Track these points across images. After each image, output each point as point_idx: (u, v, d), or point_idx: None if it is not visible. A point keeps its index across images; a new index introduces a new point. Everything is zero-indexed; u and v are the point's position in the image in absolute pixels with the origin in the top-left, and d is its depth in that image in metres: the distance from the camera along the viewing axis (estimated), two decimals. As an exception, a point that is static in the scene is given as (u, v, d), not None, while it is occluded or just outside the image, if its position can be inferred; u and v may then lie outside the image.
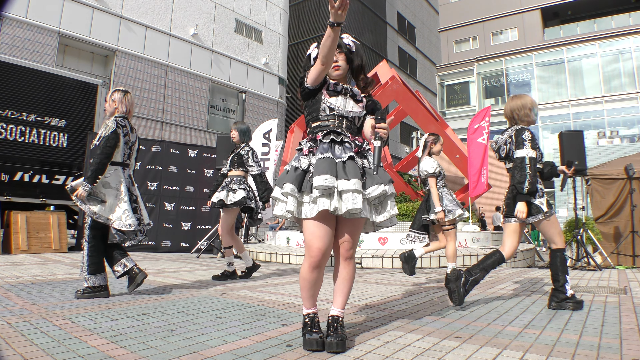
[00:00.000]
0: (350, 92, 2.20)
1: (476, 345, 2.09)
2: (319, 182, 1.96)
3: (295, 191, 2.03)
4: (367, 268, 6.29)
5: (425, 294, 3.70)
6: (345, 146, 2.11)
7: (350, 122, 2.18)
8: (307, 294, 2.10)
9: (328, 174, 1.97)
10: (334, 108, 2.14)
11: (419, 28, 37.36)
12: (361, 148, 2.16)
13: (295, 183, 2.04)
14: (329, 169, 1.99)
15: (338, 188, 1.99)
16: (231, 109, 20.80)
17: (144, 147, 8.81)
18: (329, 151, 2.07)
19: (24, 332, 2.23)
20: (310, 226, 2.03)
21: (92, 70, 15.95)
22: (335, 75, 2.21)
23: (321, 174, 1.97)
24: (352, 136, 2.17)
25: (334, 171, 2.00)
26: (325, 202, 1.97)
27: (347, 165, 2.04)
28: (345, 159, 2.06)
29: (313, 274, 2.05)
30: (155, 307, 2.93)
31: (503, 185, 21.16)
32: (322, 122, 2.16)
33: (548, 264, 3.37)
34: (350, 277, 2.16)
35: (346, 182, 1.98)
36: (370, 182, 2.07)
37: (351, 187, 1.97)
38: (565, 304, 3.03)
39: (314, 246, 2.02)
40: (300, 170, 2.08)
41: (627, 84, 25.49)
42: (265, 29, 22.01)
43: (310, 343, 1.99)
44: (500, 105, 29.13)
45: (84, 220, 3.91)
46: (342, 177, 2.00)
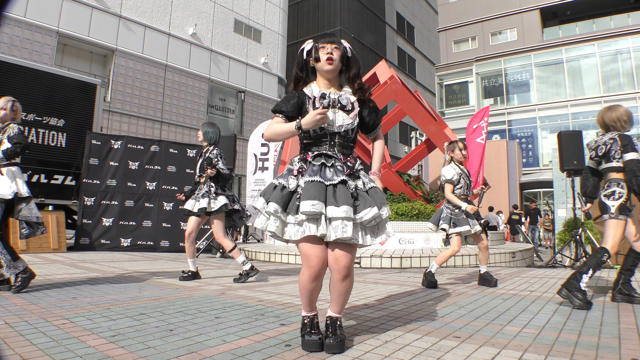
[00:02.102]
0: (339, 104, 2.12)
1: (475, 344, 2.09)
2: (306, 208, 1.90)
3: (279, 212, 1.97)
4: (365, 268, 6.29)
5: (424, 294, 3.70)
6: (337, 169, 2.03)
7: (343, 138, 2.11)
8: (307, 300, 2.07)
9: (316, 199, 1.90)
10: (323, 127, 2.07)
11: (418, 28, 37.37)
12: (353, 170, 2.09)
13: (280, 203, 1.98)
14: (317, 193, 1.92)
15: (327, 215, 1.92)
16: (230, 109, 20.80)
17: (143, 147, 8.81)
18: (318, 174, 2.00)
19: (23, 332, 2.22)
20: (307, 242, 1.98)
21: (91, 70, 15.92)
22: (327, 70, 2.12)
23: (309, 198, 1.91)
24: (345, 157, 2.10)
25: (322, 196, 1.93)
26: (311, 228, 1.92)
27: (338, 190, 1.96)
28: (336, 182, 1.98)
29: (314, 283, 2.01)
30: (154, 307, 2.93)
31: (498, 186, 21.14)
32: (313, 141, 2.10)
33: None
34: (348, 291, 2.07)
35: (336, 209, 1.90)
36: (363, 205, 1.98)
37: (341, 214, 1.90)
38: (574, 294, 3.05)
39: (312, 255, 1.97)
40: (287, 190, 2.02)
41: (626, 84, 25.51)
42: (264, 28, 22.00)
43: (309, 344, 1.98)
44: (499, 105, 29.16)
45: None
46: (331, 202, 1.92)
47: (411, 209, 8.89)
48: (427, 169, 21.34)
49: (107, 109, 15.25)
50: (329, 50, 2.11)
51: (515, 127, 28.47)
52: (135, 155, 8.67)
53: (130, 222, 8.43)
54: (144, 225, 8.53)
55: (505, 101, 29.29)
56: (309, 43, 2.18)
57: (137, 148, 8.73)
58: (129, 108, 16.49)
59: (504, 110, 28.83)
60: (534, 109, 27.95)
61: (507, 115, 28.68)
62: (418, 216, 8.80)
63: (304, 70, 2.21)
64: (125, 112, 16.33)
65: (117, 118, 16.01)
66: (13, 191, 3.52)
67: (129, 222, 8.43)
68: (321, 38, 2.14)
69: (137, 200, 8.55)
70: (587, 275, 3.09)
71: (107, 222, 8.30)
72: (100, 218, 8.26)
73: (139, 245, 8.43)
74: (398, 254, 6.53)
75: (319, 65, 2.12)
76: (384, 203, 2.04)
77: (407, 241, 7.49)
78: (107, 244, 8.22)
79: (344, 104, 2.13)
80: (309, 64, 2.19)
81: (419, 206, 8.62)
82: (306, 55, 2.17)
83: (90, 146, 8.34)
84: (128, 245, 8.34)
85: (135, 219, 8.48)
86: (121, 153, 8.56)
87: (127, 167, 8.56)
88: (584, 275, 3.09)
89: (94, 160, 8.36)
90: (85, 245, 8.07)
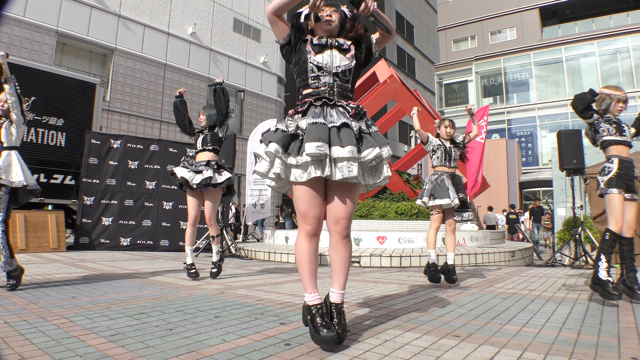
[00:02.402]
0: (337, 44, 2.14)
1: (474, 343, 2.09)
2: (311, 150, 1.88)
3: (279, 152, 1.96)
4: (365, 267, 6.29)
5: (423, 293, 3.70)
6: (339, 110, 2.04)
7: (342, 81, 2.11)
8: (308, 271, 2.02)
9: (320, 141, 1.90)
10: (321, 66, 2.08)
11: (418, 27, 37.34)
12: (357, 110, 2.08)
13: (280, 143, 1.97)
14: (321, 134, 1.92)
15: (332, 155, 1.93)
16: (230, 108, 20.77)
17: (142, 146, 8.81)
18: (320, 115, 2.00)
19: (23, 331, 2.22)
20: (303, 193, 1.98)
21: (90, 69, 15.91)
22: (326, 30, 2.15)
23: (313, 140, 1.90)
24: (346, 101, 2.10)
25: (326, 137, 1.93)
26: (316, 170, 1.92)
27: (342, 131, 1.97)
28: (339, 124, 1.98)
29: (311, 242, 2.00)
30: (153, 306, 2.93)
31: (497, 185, 21.11)
32: (312, 89, 2.10)
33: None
34: (350, 256, 2.10)
35: (341, 149, 1.91)
36: (366, 145, 2.00)
37: (346, 154, 1.90)
38: (594, 287, 3.07)
39: (309, 214, 1.98)
40: (287, 133, 2.01)
41: (625, 83, 25.52)
42: (264, 27, 21.98)
43: (327, 341, 1.89)
44: (499, 104, 29.16)
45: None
46: (336, 143, 1.93)
47: (411, 208, 8.89)
48: (426, 168, 21.34)
49: (106, 109, 15.24)
50: (328, 12, 2.15)
51: (515, 126, 28.49)
52: (135, 155, 8.66)
53: (129, 222, 8.43)
54: (144, 224, 8.53)
55: (504, 100, 29.31)
56: (307, 8, 2.19)
57: (136, 147, 8.73)
58: (129, 107, 16.48)
59: (504, 109, 28.85)
60: (533, 108, 27.97)
61: (506, 114, 28.70)
62: (418, 215, 8.80)
63: (297, 31, 2.19)
64: (125, 112, 16.32)
65: (116, 117, 16.00)
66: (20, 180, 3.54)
67: (128, 222, 8.43)
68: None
69: (137, 200, 8.55)
70: (601, 262, 3.08)
71: (106, 221, 8.30)
72: (100, 217, 8.26)
73: (139, 244, 8.43)
74: (398, 253, 6.53)
75: (319, 24, 2.16)
76: (384, 144, 2.06)
77: (407, 240, 7.49)
78: (107, 243, 8.22)
79: (340, 43, 2.15)
80: (306, 27, 2.20)
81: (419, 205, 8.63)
82: (304, 19, 2.19)
83: (89, 145, 8.34)
84: (127, 244, 8.34)
85: (135, 218, 8.48)
86: (121, 152, 8.56)
87: (127, 167, 8.56)
88: (599, 262, 3.09)
89: (93, 159, 8.35)
90: (85, 245, 8.07)
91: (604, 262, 3.10)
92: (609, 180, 3.20)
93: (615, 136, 3.27)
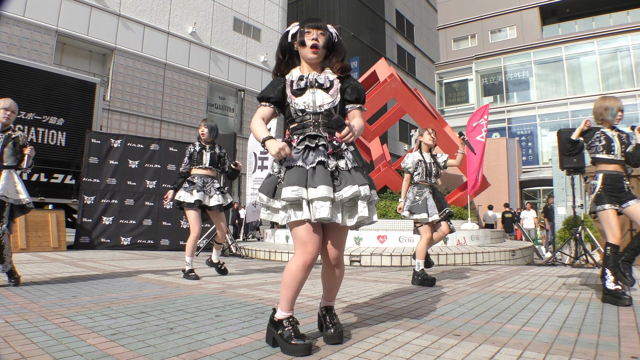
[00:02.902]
0: (317, 84, 2.10)
1: (475, 343, 2.09)
2: (285, 195, 1.93)
3: (264, 200, 2.05)
4: (366, 266, 6.29)
5: (423, 292, 3.70)
6: (319, 150, 2.02)
7: (327, 116, 2.09)
8: (292, 295, 2.00)
9: (295, 185, 1.93)
10: (304, 109, 2.08)
11: (418, 26, 37.32)
12: (338, 149, 2.06)
13: (265, 191, 2.06)
14: (297, 179, 1.94)
15: (308, 197, 1.94)
16: (230, 107, 20.78)
17: (142, 145, 8.80)
18: (300, 159, 2.01)
19: (23, 330, 2.22)
20: (303, 227, 1.98)
21: (90, 69, 15.90)
22: (311, 59, 2.10)
23: (289, 184, 1.94)
24: (330, 135, 2.07)
25: (303, 181, 1.95)
26: (297, 214, 1.95)
27: (317, 171, 1.97)
28: (315, 164, 1.99)
29: (306, 272, 1.98)
30: (154, 306, 2.93)
31: (497, 184, 21.05)
32: (297, 125, 2.10)
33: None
34: (341, 277, 2.18)
35: (313, 190, 1.93)
36: (344, 183, 1.98)
37: (318, 194, 1.91)
38: (604, 296, 3.17)
39: (310, 242, 1.96)
40: (273, 176, 2.08)
41: (625, 82, 25.50)
42: (264, 27, 21.97)
43: (299, 349, 1.88)
44: (499, 103, 29.14)
45: None
46: (310, 185, 1.95)
47: (411, 207, 8.87)
48: (426, 167, 21.34)
49: (106, 108, 15.24)
50: (314, 36, 2.07)
51: (515, 125, 28.46)
52: (135, 154, 8.66)
53: (130, 221, 8.44)
54: (144, 223, 8.53)
55: (504, 99, 29.28)
56: (295, 26, 2.15)
57: (136, 147, 8.73)
58: (129, 107, 16.48)
59: (504, 108, 28.82)
60: (533, 106, 27.94)
61: (506, 113, 28.67)
62: (418, 214, 8.77)
63: (286, 53, 2.19)
64: (125, 111, 16.31)
65: (116, 117, 16.00)
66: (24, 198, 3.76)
67: (129, 221, 8.43)
68: (307, 22, 2.11)
69: (137, 199, 8.55)
70: (607, 275, 3.18)
71: (107, 220, 8.30)
72: (100, 217, 8.26)
73: (139, 243, 8.43)
74: (398, 252, 6.54)
75: (303, 51, 2.10)
76: (363, 182, 1.99)
77: (407, 239, 7.50)
78: (107, 242, 8.22)
79: (321, 83, 2.11)
80: (293, 47, 2.16)
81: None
82: (291, 38, 2.15)
83: (89, 145, 8.34)
84: (128, 243, 8.34)
85: (135, 217, 8.48)
86: (121, 152, 8.56)
87: (127, 166, 8.56)
88: (605, 277, 3.20)
89: (93, 159, 8.35)
90: (85, 244, 8.07)
91: (609, 275, 3.19)
92: (596, 197, 3.29)
93: (602, 154, 3.37)
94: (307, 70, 2.15)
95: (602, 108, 3.44)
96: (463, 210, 10.17)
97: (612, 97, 3.50)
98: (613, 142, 3.38)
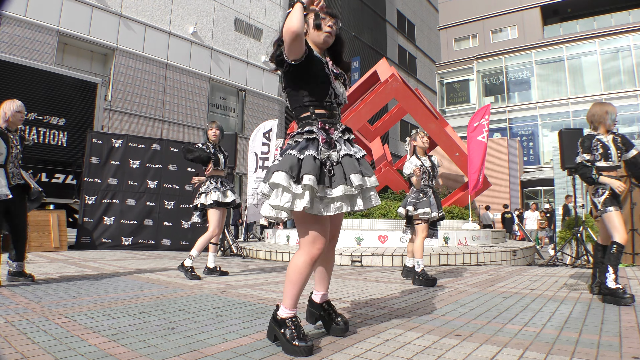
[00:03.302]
0: (342, 77, 2.17)
1: (476, 343, 2.09)
2: (339, 192, 1.94)
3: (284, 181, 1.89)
4: (367, 266, 6.29)
5: (424, 292, 3.70)
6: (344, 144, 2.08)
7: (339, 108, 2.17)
8: (297, 291, 1.99)
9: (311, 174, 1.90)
10: (338, 95, 2.10)
11: (419, 26, 37.30)
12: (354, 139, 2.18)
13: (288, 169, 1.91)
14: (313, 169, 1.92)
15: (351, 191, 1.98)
16: (231, 107, 20.79)
17: (144, 145, 8.81)
18: (341, 150, 2.04)
19: (24, 330, 2.23)
20: (318, 222, 1.98)
21: (91, 69, 15.91)
22: (324, 41, 2.10)
23: (341, 180, 1.96)
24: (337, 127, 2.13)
25: (354, 170, 2.00)
26: (344, 206, 1.99)
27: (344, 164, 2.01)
28: (359, 155, 2.08)
29: (312, 268, 2.00)
30: (155, 306, 2.93)
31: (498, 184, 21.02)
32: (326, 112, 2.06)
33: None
34: (334, 260, 2.29)
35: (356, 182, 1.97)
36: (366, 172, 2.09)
37: (356, 183, 1.96)
38: (605, 297, 3.21)
39: (320, 239, 1.98)
40: (308, 156, 1.95)
41: (627, 82, 25.46)
42: (265, 27, 21.97)
43: (303, 351, 1.88)
44: (500, 103, 29.11)
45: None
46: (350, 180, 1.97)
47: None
48: (427, 167, 21.33)
49: (107, 108, 15.25)
50: (330, 23, 2.10)
51: (516, 125, 28.43)
52: (136, 154, 8.67)
53: (131, 221, 8.44)
54: (145, 224, 8.54)
55: (506, 99, 29.26)
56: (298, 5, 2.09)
57: (138, 147, 8.74)
58: (130, 107, 16.49)
59: (505, 108, 28.80)
60: (534, 106, 27.91)
61: (508, 113, 28.65)
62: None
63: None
64: (126, 111, 16.32)
65: (117, 117, 16.01)
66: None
67: (130, 221, 8.44)
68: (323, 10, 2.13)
69: (139, 199, 8.56)
70: (609, 273, 3.22)
71: (108, 220, 8.31)
72: (102, 217, 8.27)
73: (140, 244, 8.44)
74: (399, 252, 6.53)
75: (317, 33, 2.09)
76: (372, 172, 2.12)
77: (408, 240, 7.48)
78: (108, 242, 8.23)
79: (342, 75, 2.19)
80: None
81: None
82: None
83: (91, 145, 8.35)
84: (129, 244, 8.35)
85: (137, 217, 8.49)
86: (122, 152, 8.56)
87: (128, 166, 8.57)
88: (606, 274, 3.24)
89: (95, 159, 8.36)
90: (87, 244, 8.08)
91: (611, 273, 3.23)
92: (604, 201, 3.41)
93: (601, 162, 3.48)
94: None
95: (603, 112, 3.54)
96: (464, 210, 10.16)
97: (610, 104, 3.63)
98: (609, 148, 3.48)
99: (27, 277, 3.91)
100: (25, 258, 3.92)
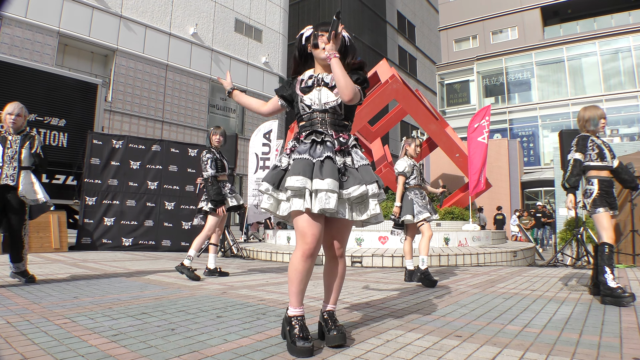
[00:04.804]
0: (323, 82, 2.17)
1: (476, 344, 2.09)
2: (290, 183, 1.99)
3: (270, 190, 2.08)
4: (367, 267, 6.29)
5: (425, 293, 3.70)
6: (327, 145, 2.09)
7: (332, 115, 2.14)
8: (297, 288, 2.03)
9: (300, 175, 1.99)
10: (310, 105, 2.15)
11: (419, 27, 37.33)
12: (344, 146, 2.12)
13: (271, 182, 2.09)
14: (302, 169, 2.00)
15: (312, 188, 1.99)
16: (231, 108, 20.81)
17: (144, 146, 8.81)
18: (307, 152, 2.07)
19: (25, 331, 2.23)
20: (303, 217, 2.02)
21: (92, 70, 15.94)
22: (322, 59, 2.14)
23: (294, 174, 2.00)
24: (337, 133, 2.13)
25: (308, 172, 2.01)
26: (298, 203, 2.00)
27: (324, 165, 2.03)
28: (322, 158, 2.04)
29: (307, 263, 2.01)
30: (155, 307, 2.93)
31: (499, 185, 21.06)
32: (305, 122, 2.18)
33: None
34: (344, 273, 2.21)
35: (320, 182, 1.97)
36: (352, 181, 2.04)
37: (324, 186, 1.96)
38: (604, 298, 3.21)
39: (308, 233, 2.00)
40: (279, 169, 2.12)
41: (627, 83, 25.43)
42: (265, 28, 22.00)
43: (303, 351, 1.90)
44: (500, 104, 29.11)
45: None
46: (316, 176, 2.00)
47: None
48: (428, 168, 21.31)
49: (108, 109, 15.27)
50: (324, 39, 2.13)
51: (517, 125, 28.42)
52: (137, 155, 8.67)
53: (131, 222, 8.44)
54: (146, 224, 8.54)
55: (506, 100, 29.25)
56: (309, 29, 2.23)
57: (138, 148, 8.74)
58: (130, 108, 16.50)
59: (505, 109, 28.79)
60: (535, 107, 27.90)
61: (508, 114, 28.64)
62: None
63: (302, 55, 2.29)
64: (127, 112, 16.34)
65: (118, 118, 16.02)
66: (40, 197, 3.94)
67: (130, 222, 8.44)
68: (321, 26, 2.17)
69: (139, 200, 8.56)
70: (607, 273, 3.24)
71: (108, 221, 8.31)
72: (102, 218, 8.27)
73: (141, 244, 8.44)
74: (399, 253, 6.53)
75: (316, 52, 2.17)
76: (372, 180, 2.08)
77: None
78: (109, 243, 8.23)
79: (327, 82, 2.17)
80: (307, 49, 2.24)
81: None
82: (305, 41, 2.23)
83: (91, 146, 8.35)
84: (129, 244, 8.35)
85: (137, 218, 8.48)
86: (122, 153, 8.56)
87: (129, 167, 8.57)
88: (605, 275, 3.25)
89: (95, 160, 8.36)
90: (87, 245, 8.08)
91: (609, 273, 3.25)
92: (593, 201, 3.45)
93: (597, 162, 3.51)
94: (320, 70, 2.23)
95: (584, 120, 3.61)
96: (465, 211, 10.16)
97: (592, 107, 3.66)
98: (604, 149, 3.52)
99: (28, 277, 3.90)
100: (22, 260, 3.89)
